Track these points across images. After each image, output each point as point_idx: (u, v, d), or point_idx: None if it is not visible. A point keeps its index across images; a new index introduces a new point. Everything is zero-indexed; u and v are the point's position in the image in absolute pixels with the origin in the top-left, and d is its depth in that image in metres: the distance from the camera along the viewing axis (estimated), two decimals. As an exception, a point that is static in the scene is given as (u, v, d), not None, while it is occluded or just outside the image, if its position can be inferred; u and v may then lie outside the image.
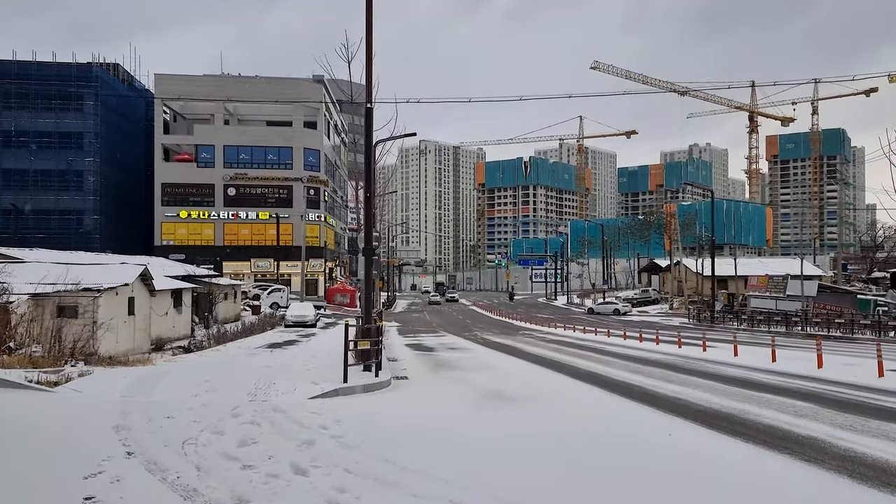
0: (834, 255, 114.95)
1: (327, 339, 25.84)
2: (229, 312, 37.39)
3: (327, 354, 18.24)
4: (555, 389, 12.26)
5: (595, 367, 15.92)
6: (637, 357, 18.19)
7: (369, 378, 12.10)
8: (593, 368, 15.57)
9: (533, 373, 15.28)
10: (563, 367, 15.96)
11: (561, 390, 12.14)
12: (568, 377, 14.07)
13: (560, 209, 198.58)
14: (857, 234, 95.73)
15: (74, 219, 57.31)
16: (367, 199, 13.46)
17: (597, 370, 15.18)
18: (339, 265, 71.74)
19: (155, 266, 32.55)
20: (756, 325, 37.03)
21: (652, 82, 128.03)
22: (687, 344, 21.24)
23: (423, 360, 18.71)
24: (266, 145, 59.51)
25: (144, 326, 22.54)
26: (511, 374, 14.99)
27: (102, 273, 20.01)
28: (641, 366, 15.97)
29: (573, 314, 58.61)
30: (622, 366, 16.01)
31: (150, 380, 11.46)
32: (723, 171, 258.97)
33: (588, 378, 13.71)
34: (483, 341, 26.82)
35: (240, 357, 17.40)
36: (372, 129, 13.52)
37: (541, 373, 15.24)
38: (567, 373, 14.85)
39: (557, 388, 12.52)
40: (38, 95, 55.74)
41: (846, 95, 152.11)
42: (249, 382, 11.36)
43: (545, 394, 11.54)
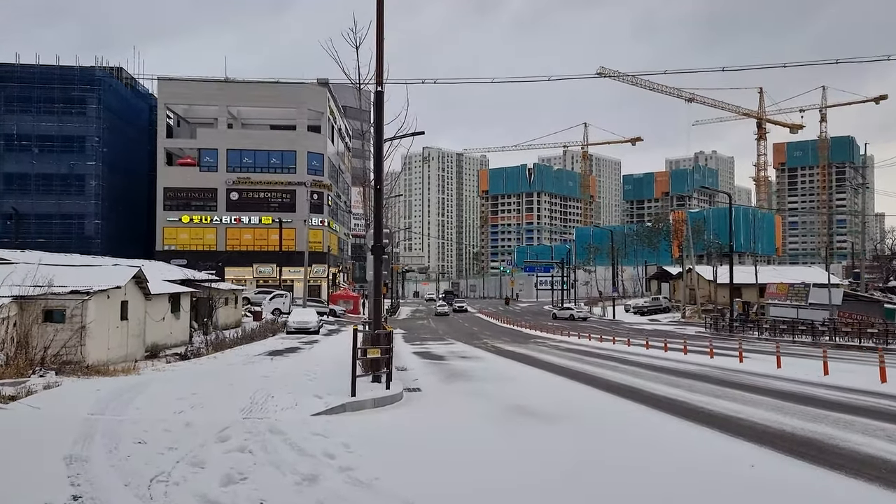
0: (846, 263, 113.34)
1: (331, 346, 24.46)
2: (230, 318, 36.06)
3: (331, 363, 16.86)
4: (587, 405, 10.85)
5: (625, 378, 14.50)
6: (668, 368, 16.74)
7: (379, 390, 10.72)
8: (623, 380, 14.14)
9: (557, 385, 13.87)
10: (589, 378, 14.54)
11: (594, 406, 10.73)
12: (597, 390, 12.66)
13: (564, 216, 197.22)
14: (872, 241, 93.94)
15: (76, 223, 56.32)
16: (376, 192, 12.13)
17: (628, 382, 13.76)
18: (342, 271, 70.43)
19: (153, 270, 31.27)
20: (778, 334, 35.48)
21: (659, 88, 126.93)
22: (715, 354, 19.75)
23: (434, 369, 17.32)
24: (269, 149, 58.43)
25: (139, 332, 21.20)
26: (532, 386, 13.59)
27: (94, 275, 18.71)
28: (677, 377, 14.54)
29: (583, 322, 57.06)
30: (654, 377, 14.58)
31: (128, 393, 10.08)
32: (729, 178, 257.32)
33: (620, 391, 12.30)
34: (494, 350, 25.40)
35: (237, 365, 16.02)
36: (382, 114, 12.21)
37: (565, 385, 13.84)
38: (595, 385, 13.43)
39: (589, 403, 11.12)
40: (41, 99, 54.91)
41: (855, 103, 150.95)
42: (244, 395, 9.97)
43: (577, 410, 10.14)
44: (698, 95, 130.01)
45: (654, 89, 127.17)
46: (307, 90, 59.63)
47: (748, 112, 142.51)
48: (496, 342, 30.38)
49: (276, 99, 58.46)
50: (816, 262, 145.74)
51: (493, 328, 46.07)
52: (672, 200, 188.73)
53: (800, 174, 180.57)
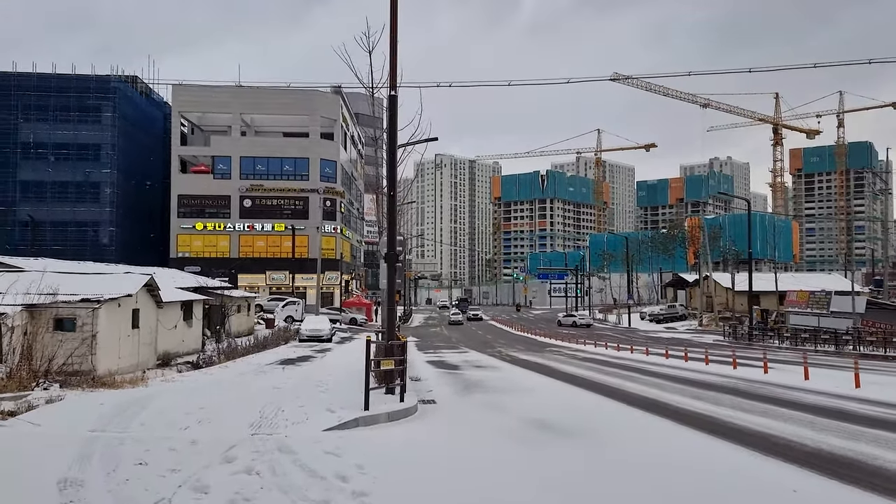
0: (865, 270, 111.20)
1: (343, 355, 24.14)
2: (242, 326, 35.93)
3: (344, 373, 16.53)
4: (610, 419, 10.40)
5: (647, 390, 14.00)
6: (690, 379, 16.20)
7: (393, 403, 10.35)
8: (645, 392, 13.64)
9: (577, 397, 13.41)
10: (610, 390, 14.06)
11: (617, 420, 10.28)
12: (619, 403, 12.18)
13: (578, 223, 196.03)
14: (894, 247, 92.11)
15: (91, 230, 56.75)
16: (390, 198, 11.81)
17: (651, 394, 13.26)
18: (354, 278, 70.30)
19: (166, 277, 31.23)
20: (800, 343, 34.64)
21: (673, 94, 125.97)
22: (738, 364, 19.14)
23: (449, 379, 16.92)
24: (282, 156, 58.57)
25: (150, 340, 21.03)
26: (551, 398, 13.15)
27: (105, 283, 18.56)
28: (700, 389, 14.01)
29: (598, 330, 56.32)
30: (678, 389, 14.06)
31: (133, 407, 9.70)
32: (744, 184, 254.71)
33: (643, 404, 11.81)
34: (510, 359, 24.94)
35: (248, 375, 15.73)
36: (396, 118, 11.91)
37: (585, 397, 13.37)
38: (616, 397, 12.95)
39: (611, 417, 10.66)
40: (57, 107, 55.50)
41: (873, 108, 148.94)
42: (254, 409, 9.63)
43: (600, 426, 9.69)
44: (713, 101, 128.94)
45: (669, 95, 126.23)
46: (320, 97, 59.76)
47: (764, 117, 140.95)
48: (511, 351, 29.89)
49: (289, 106, 58.64)
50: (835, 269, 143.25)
51: (507, 336, 45.54)
52: (687, 207, 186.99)
53: (817, 180, 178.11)
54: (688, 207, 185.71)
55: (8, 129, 54.93)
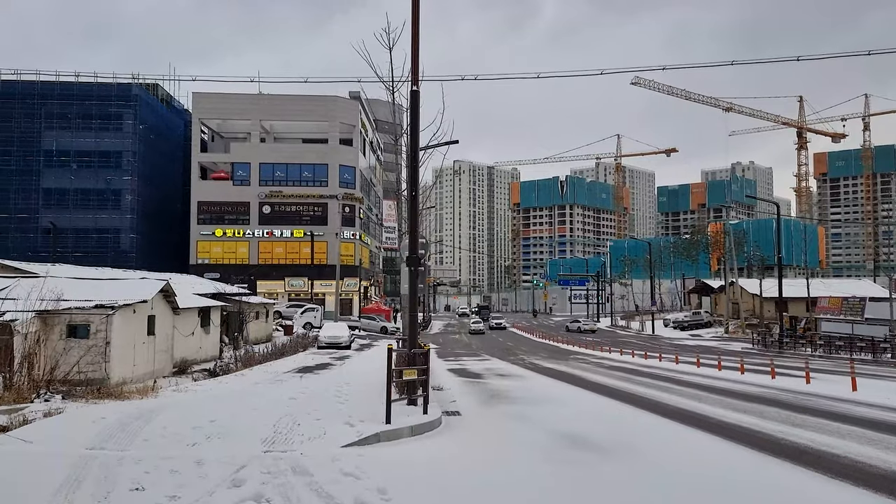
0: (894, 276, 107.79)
1: (362, 363, 23.55)
2: (260, 333, 35.60)
3: (363, 381, 15.91)
4: (650, 435, 9.61)
5: (684, 402, 13.14)
6: (728, 390, 15.28)
7: (416, 415, 9.69)
8: (683, 404, 12.80)
9: (608, 409, 12.61)
10: (644, 402, 13.24)
11: (659, 436, 9.49)
12: (656, 415, 11.37)
13: (598, 229, 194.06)
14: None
15: (112, 237, 57.14)
16: (412, 198, 11.19)
17: (690, 407, 12.41)
18: (373, 284, 69.90)
19: (184, 283, 31.01)
20: (834, 351, 33.27)
21: (695, 98, 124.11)
22: (775, 373, 18.13)
23: (472, 389, 16.21)
24: (301, 162, 58.50)
25: (166, 347, 20.65)
26: (581, 410, 12.38)
27: (120, 289, 18.21)
28: (741, 401, 13.12)
29: (622, 337, 55.13)
30: (717, 401, 13.19)
31: (138, 421, 9.07)
32: (767, 189, 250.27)
33: (684, 418, 10.99)
34: (533, 367, 24.13)
35: (263, 385, 15.18)
36: (418, 115, 11.31)
37: (617, 409, 12.57)
38: (652, 409, 12.13)
39: (648, 431, 9.87)
40: (79, 115, 56.10)
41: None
42: (268, 422, 9.03)
43: (641, 442, 8.92)
44: (736, 105, 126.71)
45: (691, 98, 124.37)
46: (339, 103, 59.64)
47: (788, 121, 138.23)
48: (534, 358, 29.07)
49: (308, 112, 58.60)
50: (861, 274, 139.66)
51: (529, 343, 44.65)
52: (709, 212, 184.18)
53: (842, 184, 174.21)
54: (710, 213, 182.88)
55: (31, 137, 55.66)
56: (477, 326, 58.34)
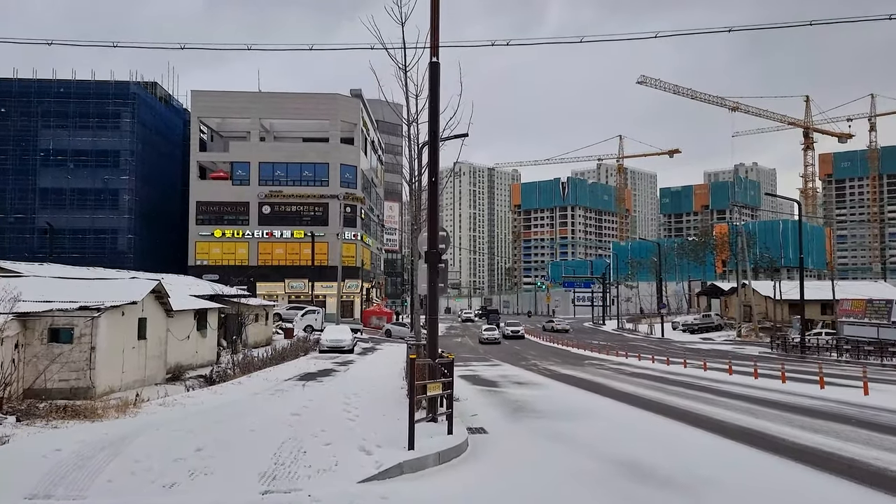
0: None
1: (368, 368, 22.15)
2: (260, 336, 34.22)
3: (371, 391, 14.52)
4: (719, 461, 8.16)
5: (738, 417, 11.67)
6: (778, 402, 13.82)
7: (439, 436, 8.29)
8: (737, 420, 11.32)
9: (653, 425, 11.20)
10: (689, 416, 11.81)
11: (734, 464, 7.95)
12: (716, 436, 9.85)
13: (599, 231, 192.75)
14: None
15: (109, 238, 55.84)
16: (431, 184, 9.81)
17: (747, 424, 10.91)
18: (375, 286, 68.50)
19: (179, 285, 29.64)
20: (863, 356, 31.84)
21: (701, 97, 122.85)
22: (824, 382, 16.68)
23: (491, 399, 14.82)
24: (302, 161, 57.15)
25: (159, 352, 19.24)
26: (620, 426, 10.98)
27: (108, 289, 16.80)
28: (803, 417, 11.67)
29: (631, 340, 53.71)
30: (775, 416, 11.75)
31: (103, 452, 7.45)
32: (771, 190, 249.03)
33: (751, 439, 9.45)
34: (549, 373, 22.73)
35: (263, 396, 13.74)
36: (438, 90, 9.92)
37: (664, 425, 11.15)
38: (704, 426, 10.69)
39: (718, 457, 8.41)
40: (77, 114, 54.84)
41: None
42: (268, 448, 7.58)
43: (714, 472, 7.38)
44: (742, 104, 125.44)
45: (697, 98, 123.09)
46: (340, 101, 58.33)
47: (794, 121, 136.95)
48: (546, 364, 27.68)
49: (308, 111, 57.28)
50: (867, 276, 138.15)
51: (537, 347, 43.22)
52: (712, 214, 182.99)
53: (848, 185, 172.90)
54: (713, 215, 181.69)
55: (28, 135, 54.39)
56: (491, 335, 47.44)
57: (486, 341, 46.47)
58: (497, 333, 48.09)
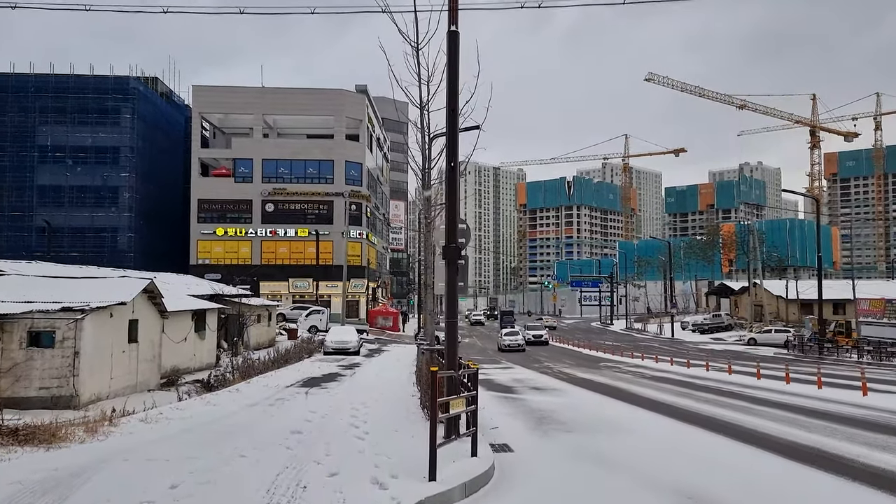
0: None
1: (375, 372, 21.02)
2: (262, 337, 33.15)
3: (381, 401, 13.37)
4: (794, 491, 6.98)
5: (795, 433, 10.44)
6: (830, 413, 12.58)
7: (462, 459, 7.15)
8: (797, 437, 10.04)
9: (695, 440, 10.01)
10: (740, 432, 10.56)
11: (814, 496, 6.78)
12: (785, 458, 8.46)
13: (605, 230, 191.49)
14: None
15: (109, 236, 54.87)
16: (450, 169, 8.63)
17: (811, 443, 9.67)
18: (380, 286, 67.38)
19: (178, 284, 28.59)
20: (885, 357, 30.59)
21: (708, 95, 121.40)
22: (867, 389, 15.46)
23: (510, 408, 13.65)
24: (306, 158, 55.98)
25: (152, 356, 18.13)
26: (662, 442, 9.79)
27: (95, 289, 15.67)
28: (866, 432, 10.46)
29: (641, 341, 52.48)
30: (826, 429, 10.55)
31: (45, 498, 5.83)
32: (776, 190, 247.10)
33: (826, 464, 8.14)
34: (566, 377, 21.55)
35: (261, 407, 12.56)
36: (457, 62, 8.76)
37: (709, 440, 9.94)
38: (769, 447, 9.34)
39: (791, 485, 7.24)
40: (75, 109, 53.85)
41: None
42: (261, 482, 6.24)
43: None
44: (749, 102, 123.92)
45: (704, 95, 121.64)
46: (345, 97, 57.16)
47: (801, 119, 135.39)
48: (561, 366, 26.49)
49: (313, 106, 56.12)
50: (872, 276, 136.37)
51: (547, 349, 42.00)
52: (717, 213, 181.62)
53: (853, 184, 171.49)
54: (718, 214, 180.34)
55: (25, 132, 53.41)
56: (513, 341, 39.67)
57: (508, 348, 38.94)
58: (520, 339, 40.43)
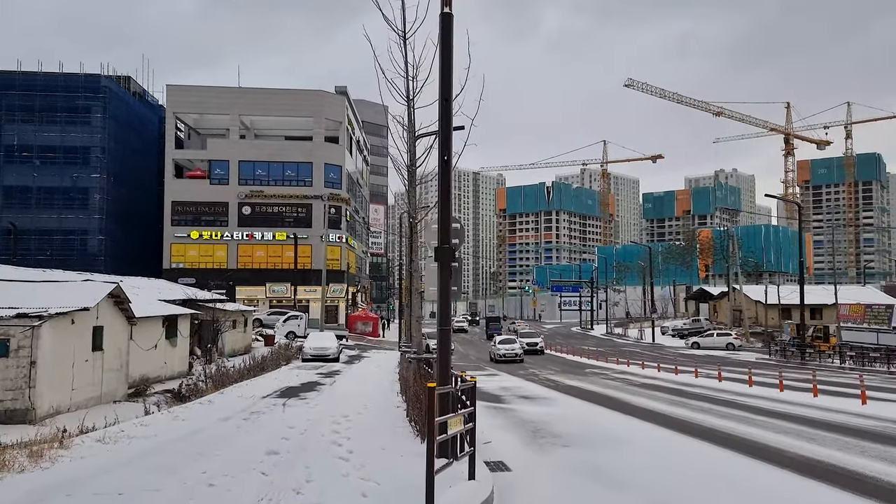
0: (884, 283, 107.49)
1: (357, 380, 20.17)
2: (238, 343, 32.03)
3: (363, 411, 12.59)
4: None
5: (795, 444, 9.99)
6: (824, 422, 12.17)
7: (459, 484, 6.44)
8: (800, 449, 9.62)
9: (701, 454, 9.44)
10: (741, 444, 10.07)
11: None
12: (783, 470, 8.15)
13: (583, 235, 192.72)
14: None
15: (78, 239, 52.98)
16: (443, 164, 7.93)
17: (816, 455, 9.21)
18: (360, 291, 66.32)
19: (149, 288, 27.42)
20: (868, 363, 30.65)
21: (686, 101, 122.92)
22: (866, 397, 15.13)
23: (501, 420, 12.98)
24: (284, 160, 54.83)
25: (118, 365, 17.06)
26: (667, 458, 9.20)
27: (56, 294, 14.61)
28: (870, 444, 10.04)
29: (623, 346, 52.32)
30: (836, 442, 10.08)
31: None
32: (750, 197, 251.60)
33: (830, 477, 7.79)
34: (553, 385, 20.97)
35: (234, 421, 11.61)
36: (451, 45, 8.06)
37: (716, 455, 9.38)
38: (766, 458, 8.92)
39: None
40: (44, 108, 51.95)
41: (882, 119, 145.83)
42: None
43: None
44: (726, 109, 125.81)
45: (683, 102, 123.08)
46: (324, 98, 56.20)
47: (776, 127, 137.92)
48: (546, 373, 25.91)
49: (291, 107, 55.03)
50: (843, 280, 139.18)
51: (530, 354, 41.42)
52: (693, 219, 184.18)
53: (825, 192, 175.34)
54: (694, 220, 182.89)
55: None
56: (509, 351, 34.89)
57: (504, 359, 33.94)
58: (517, 348, 35.46)
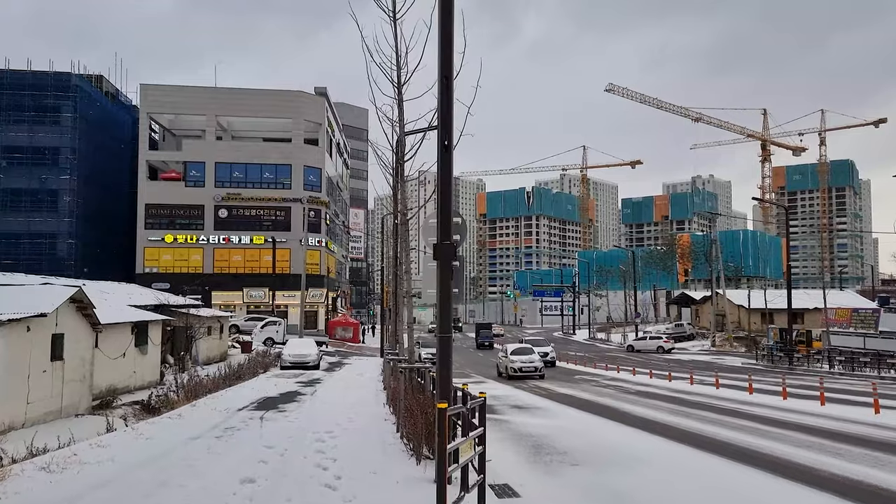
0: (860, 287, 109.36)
1: (339, 390, 19.12)
2: (214, 351, 30.64)
3: (349, 425, 11.59)
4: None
5: (824, 461, 9.25)
6: (853, 435, 11.52)
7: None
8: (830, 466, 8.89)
9: (725, 474, 8.65)
10: (765, 462, 9.30)
11: None
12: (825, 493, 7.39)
13: (563, 240, 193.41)
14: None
15: (47, 243, 50.97)
16: (443, 150, 7.04)
17: (846, 472, 8.50)
18: (340, 296, 65.00)
19: (118, 293, 26.00)
20: (858, 367, 30.41)
21: (665, 107, 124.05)
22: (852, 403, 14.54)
23: (497, 433, 12.07)
24: (262, 162, 53.43)
25: (82, 375, 15.78)
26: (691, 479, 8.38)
27: (9, 299, 13.35)
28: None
29: (607, 351, 51.83)
30: (867, 458, 9.39)
31: None
32: (726, 202, 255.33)
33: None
34: (545, 393, 20.15)
35: (204, 440, 10.43)
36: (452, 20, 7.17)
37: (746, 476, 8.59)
38: (828, 487, 8.09)
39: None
40: (10, 107, 49.98)
41: (855, 126, 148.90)
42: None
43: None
44: (705, 115, 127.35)
45: (662, 107, 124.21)
46: (304, 99, 54.94)
47: (753, 133, 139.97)
48: (535, 381, 25.07)
49: (270, 108, 53.68)
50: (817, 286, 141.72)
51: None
52: (672, 224, 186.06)
53: (799, 197, 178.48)
54: (672, 225, 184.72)
55: (-46, 130, 49.25)
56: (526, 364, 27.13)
57: (522, 373, 26.71)
58: (536, 360, 27.79)
